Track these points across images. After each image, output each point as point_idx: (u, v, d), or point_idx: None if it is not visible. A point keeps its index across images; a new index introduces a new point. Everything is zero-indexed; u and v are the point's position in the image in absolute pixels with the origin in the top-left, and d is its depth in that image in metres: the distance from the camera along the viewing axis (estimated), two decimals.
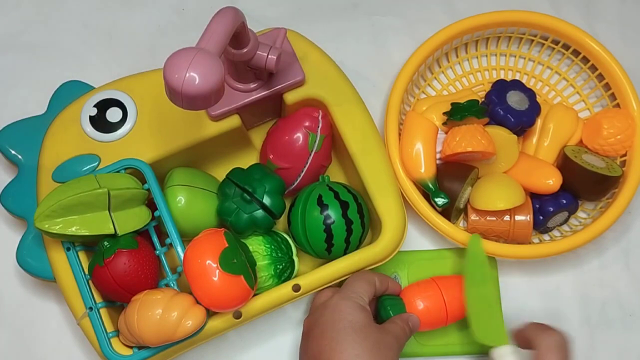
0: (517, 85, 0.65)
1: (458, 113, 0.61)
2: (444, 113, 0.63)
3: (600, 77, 0.67)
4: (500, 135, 0.61)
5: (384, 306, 0.56)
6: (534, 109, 0.63)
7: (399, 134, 0.63)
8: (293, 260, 0.58)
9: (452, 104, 0.62)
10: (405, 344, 0.53)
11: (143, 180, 0.56)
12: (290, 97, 0.59)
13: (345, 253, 0.57)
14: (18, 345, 0.62)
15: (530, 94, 0.64)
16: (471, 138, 0.60)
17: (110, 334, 0.54)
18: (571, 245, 0.60)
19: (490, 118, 0.63)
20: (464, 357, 0.62)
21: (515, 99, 0.63)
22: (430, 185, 0.61)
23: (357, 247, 0.58)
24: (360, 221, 0.57)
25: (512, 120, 0.62)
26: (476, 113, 0.61)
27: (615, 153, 0.63)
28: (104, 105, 0.59)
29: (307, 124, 0.59)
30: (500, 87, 0.64)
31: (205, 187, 0.58)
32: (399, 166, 0.61)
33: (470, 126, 0.61)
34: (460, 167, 0.62)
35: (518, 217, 0.61)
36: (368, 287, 0.54)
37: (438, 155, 0.63)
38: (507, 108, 0.63)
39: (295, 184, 0.60)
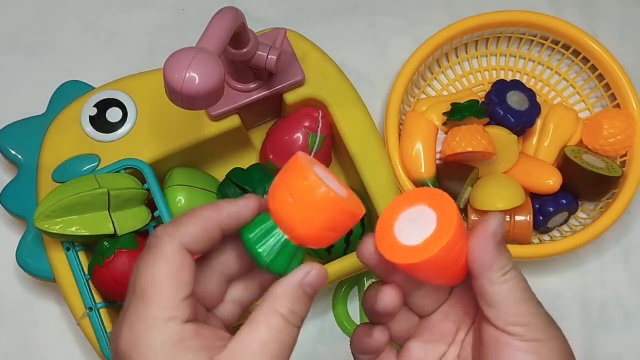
0: (517, 85, 0.65)
1: (458, 113, 0.61)
2: (444, 113, 0.62)
3: (601, 77, 0.67)
4: (501, 135, 0.61)
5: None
6: (534, 110, 0.63)
7: (399, 135, 0.63)
8: None
9: (452, 104, 0.62)
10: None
11: (143, 181, 0.56)
12: (291, 98, 0.59)
13: (345, 253, 0.57)
14: (18, 345, 0.62)
15: (530, 94, 0.64)
16: (471, 138, 0.60)
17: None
18: (571, 246, 0.60)
19: (490, 118, 0.63)
20: None
21: (515, 100, 0.63)
22: (431, 186, 0.61)
23: None
24: (360, 222, 0.57)
25: (513, 120, 0.62)
26: (476, 113, 0.61)
27: (615, 153, 0.63)
28: (104, 106, 0.59)
29: (307, 124, 0.59)
30: (501, 88, 0.64)
31: (205, 187, 0.58)
32: (399, 166, 0.61)
33: (470, 126, 0.61)
34: (461, 168, 0.62)
35: (518, 218, 0.61)
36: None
37: (438, 156, 0.63)
38: (508, 108, 0.63)
39: None
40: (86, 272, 0.55)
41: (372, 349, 0.38)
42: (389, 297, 0.36)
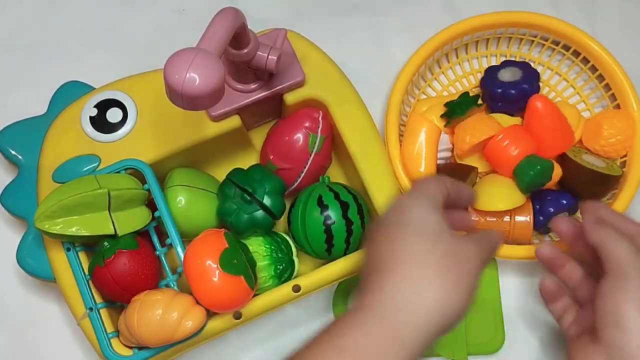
0: (506, 63, 0.66)
1: (459, 108, 0.62)
2: (442, 115, 0.63)
3: (601, 77, 0.67)
4: (504, 120, 0.63)
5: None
6: (531, 75, 0.64)
7: (399, 135, 0.63)
8: (293, 261, 0.58)
9: (448, 103, 0.62)
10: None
11: (143, 181, 0.56)
12: (291, 98, 0.59)
13: (345, 254, 0.57)
14: (18, 346, 0.62)
15: (522, 65, 0.65)
16: (480, 127, 0.61)
17: (110, 335, 0.54)
18: None
19: (492, 103, 0.64)
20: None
21: (507, 75, 0.65)
22: None
23: (358, 248, 0.58)
24: (360, 222, 0.57)
25: (513, 92, 0.63)
26: (473, 103, 0.62)
27: (615, 154, 0.63)
28: (104, 106, 0.59)
29: (307, 124, 0.59)
30: (491, 71, 0.65)
31: (205, 188, 0.58)
32: (399, 166, 0.61)
33: (473, 117, 0.62)
34: (460, 168, 0.62)
35: (518, 218, 0.61)
36: (441, 188, 0.47)
37: (443, 155, 0.63)
38: (502, 84, 0.63)
39: (296, 184, 0.60)
40: (86, 272, 0.55)
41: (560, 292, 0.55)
42: (562, 221, 0.54)
